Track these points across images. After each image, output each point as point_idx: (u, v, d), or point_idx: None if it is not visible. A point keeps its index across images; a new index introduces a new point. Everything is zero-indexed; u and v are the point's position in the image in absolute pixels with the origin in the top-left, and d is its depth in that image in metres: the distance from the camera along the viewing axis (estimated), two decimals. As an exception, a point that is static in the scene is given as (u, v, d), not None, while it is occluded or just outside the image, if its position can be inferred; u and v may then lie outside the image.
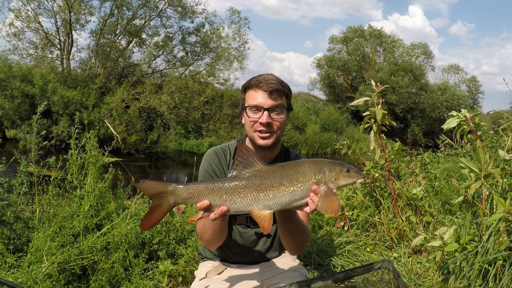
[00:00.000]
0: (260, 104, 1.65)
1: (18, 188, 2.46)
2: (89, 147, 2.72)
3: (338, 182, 1.28)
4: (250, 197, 1.28)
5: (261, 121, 1.65)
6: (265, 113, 1.65)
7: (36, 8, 18.35)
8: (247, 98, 1.71)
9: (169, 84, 18.73)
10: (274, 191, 1.27)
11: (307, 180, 1.27)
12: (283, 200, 1.28)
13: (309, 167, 1.29)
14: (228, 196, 1.28)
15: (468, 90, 35.72)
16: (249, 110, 1.68)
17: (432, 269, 2.64)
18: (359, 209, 3.47)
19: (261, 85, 1.66)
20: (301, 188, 1.27)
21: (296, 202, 1.29)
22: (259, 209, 1.28)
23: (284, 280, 1.70)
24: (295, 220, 1.56)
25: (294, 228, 1.57)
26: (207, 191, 1.29)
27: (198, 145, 19.02)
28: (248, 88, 1.71)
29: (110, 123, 16.90)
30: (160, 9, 20.12)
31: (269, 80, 1.66)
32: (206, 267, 1.90)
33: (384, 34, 32.03)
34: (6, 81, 16.25)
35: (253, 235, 1.85)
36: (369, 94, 3.08)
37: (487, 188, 2.57)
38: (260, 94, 1.66)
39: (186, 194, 1.31)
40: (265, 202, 1.28)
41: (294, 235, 1.61)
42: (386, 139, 3.25)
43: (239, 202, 1.28)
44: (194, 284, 1.84)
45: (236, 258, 1.88)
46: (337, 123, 25.41)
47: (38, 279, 1.99)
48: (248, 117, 1.69)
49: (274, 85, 1.65)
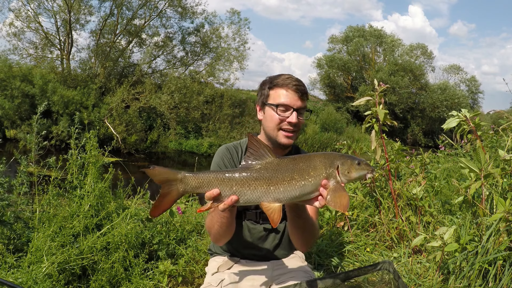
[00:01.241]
0: (290, 103, 1.69)
1: (18, 188, 2.46)
2: (89, 147, 2.72)
3: (351, 175, 1.27)
4: (260, 190, 1.26)
5: (290, 120, 1.68)
6: (294, 113, 1.69)
7: (36, 8, 18.38)
8: (274, 95, 1.73)
9: (168, 84, 18.73)
10: (284, 185, 1.26)
11: (318, 174, 1.26)
12: (293, 193, 1.26)
13: (321, 161, 1.28)
14: (238, 187, 1.26)
15: (468, 90, 35.74)
16: (277, 108, 1.70)
17: (432, 269, 2.64)
18: (359, 209, 3.47)
19: (291, 85, 1.70)
20: (312, 182, 1.26)
21: (306, 196, 1.28)
22: (269, 201, 1.26)
23: (293, 279, 1.71)
24: (305, 217, 1.57)
25: (304, 225, 1.58)
26: (217, 181, 1.27)
27: (198, 145, 19.01)
28: (275, 86, 1.73)
29: (110, 123, 16.91)
30: (160, 10, 20.12)
31: (297, 81, 1.71)
32: (217, 262, 1.91)
33: (385, 34, 32.04)
34: (6, 81, 16.26)
35: (262, 231, 1.86)
36: (370, 94, 3.08)
37: (487, 188, 2.57)
38: (290, 93, 1.69)
39: (195, 182, 1.29)
40: (275, 195, 1.26)
41: (304, 232, 1.62)
42: (387, 139, 3.24)
43: (249, 194, 1.27)
44: (207, 279, 1.85)
45: (245, 253, 1.90)
46: (337, 123, 25.43)
47: (38, 279, 1.99)
48: (275, 114, 1.70)
49: (302, 87, 1.71)
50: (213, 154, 1.91)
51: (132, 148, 17.31)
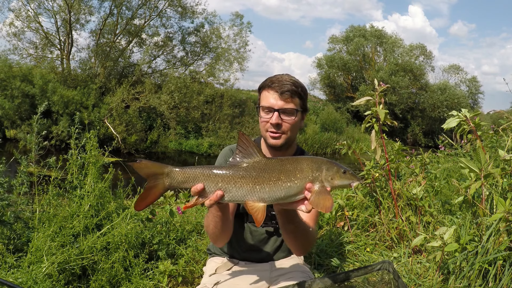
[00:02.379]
0: (271, 105, 1.68)
1: (18, 188, 2.46)
2: (90, 147, 2.72)
3: (334, 182, 1.27)
4: (246, 188, 1.26)
5: (271, 122, 1.68)
6: (275, 114, 1.67)
7: (36, 8, 18.39)
8: (261, 98, 1.74)
9: (168, 84, 18.74)
10: (270, 185, 1.25)
11: (304, 177, 1.26)
12: (278, 194, 1.26)
13: (308, 164, 1.28)
14: (223, 184, 1.26)
15: (468, 90, 35.74)
16: (262, 110, 1.72)
17: (432, 269, 2.64)
18: (359, 209, 3.47)
19: (273, 85, 1.68)
20: (297, 184, 1.26)
21: (290, 198, 1.28)
22: (253, 200, 1.26)
23: (291, 280, 1.71)
24: (296, 221, 1.55)
25: (295, 230, 1.57)
26: (203, 177, 1.27)
27: (198, 145, 19.01)
28: (262, 88, 1.74)
29: (110, 123, 16.91)
30: (160, 9, 20.13)
31: (283, 81, 1.68)
32: (215, 263, 1.91)
33: (385, 34, 32.04)
34: (6, 81, 16.27)
35: (264, 234, 1.86)
36: (370, 93, 3.08)
37: (487, 188, 2.57)
38: (271, 94, 1.68)
39: (181, 177, 1.28)
40: (260, 194, 1.26)
41: (297, 237, 1.61)
42: (387, 139, 3.24)
43: (234, 191, 1.26)
44: (204, 279, 1.85)
45: (245, 255, 1.90)
46: (337, 123, 25.44)
47: (38, 279, 1.99)
48: (260, 117, 1.73)
49: (286, 86, 1.67)
50: (213, 154, 1.91)
51: (132, 148, 17.32)
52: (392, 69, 29.76)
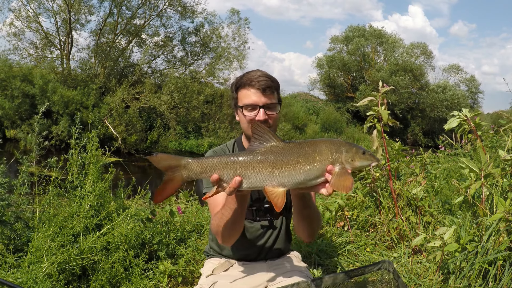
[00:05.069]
0: (255, 102, 1.69)
1: (19, 188, 2.46)
2: (90, 147, 2.72)
3: (354, 163, 1.26)
4: (264, 173, 1.23)
5: (258, 119, 1.68)
6: (261, 110, 1.68)
7: (36, 8, 18.39)
8: (241, 97, 1.74)
9: (168, 83, 18.73)
10: (289, 168, 1.23)
11: (323, 159, 1.24)
12: (298, 178, 1.24)
13: (327, 146, 1.26)
14: (242, 170, 1.24)
15: (468, 90, 35.74)
16: (245, 109, 1.71)
17: (432, 269, 2.64)
18: (359, 209, 3.47)
19: (253, 83, 1.69)
20: (317, 167, 1.24)
21: (310, 182, 1.26)
22: (273, 186, 1.24)
23: (289, 280, 1.71)
24: (312, 205, 1.57)
25: (311, 214, 1.58)
26: (221, 165, 1.25)
27: (198, 145, 19.02)
28: (240, 87, 1.74)
29: (110, 123, 16.91)
30: (160, 9, 20.13)
31: (259, 78, 1.70)
32: (212, 264, 1.91)
33: (385, 34, 32.04)
34: (6, 81, 16.28)
35: (259, 229, 1.86)
36: (373, 94, 3.09)
37: (487, 188, 2.57)
38: (253, 92, 1.69)
39: (199, 168, 1.27)
40: (279, 179, 1.23)
41: (312, 221, 1.62)
42: (387, 139, 3.25)
43: (253, 177, 1.24)
44: (201, 281, 1.85)
45: (242, 254, 1.89)
46: (337, 123, 25.44)
47: (38, 279, 1.99)
48: (244, 116, 1.72)
49: (265, 82, 1.69)
50: (213, 154, 1.90)
51: (132, 148, 17.31)
52: (392, 69, 29.75)
